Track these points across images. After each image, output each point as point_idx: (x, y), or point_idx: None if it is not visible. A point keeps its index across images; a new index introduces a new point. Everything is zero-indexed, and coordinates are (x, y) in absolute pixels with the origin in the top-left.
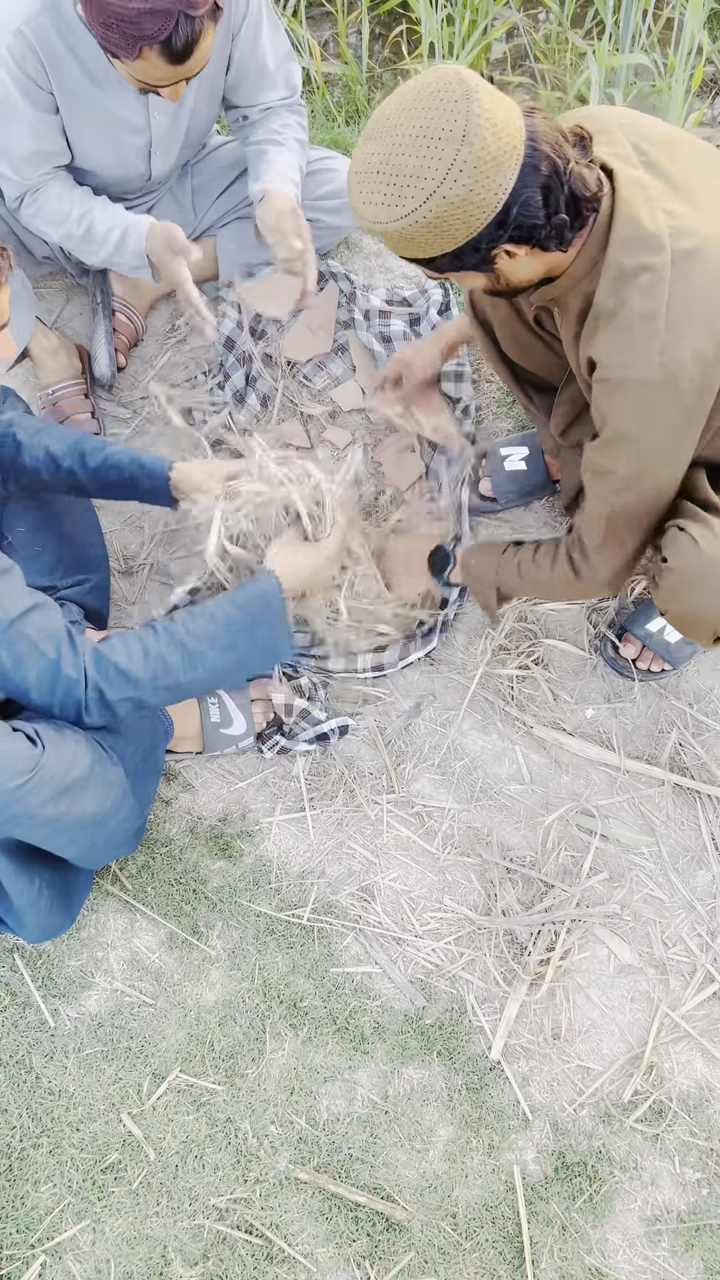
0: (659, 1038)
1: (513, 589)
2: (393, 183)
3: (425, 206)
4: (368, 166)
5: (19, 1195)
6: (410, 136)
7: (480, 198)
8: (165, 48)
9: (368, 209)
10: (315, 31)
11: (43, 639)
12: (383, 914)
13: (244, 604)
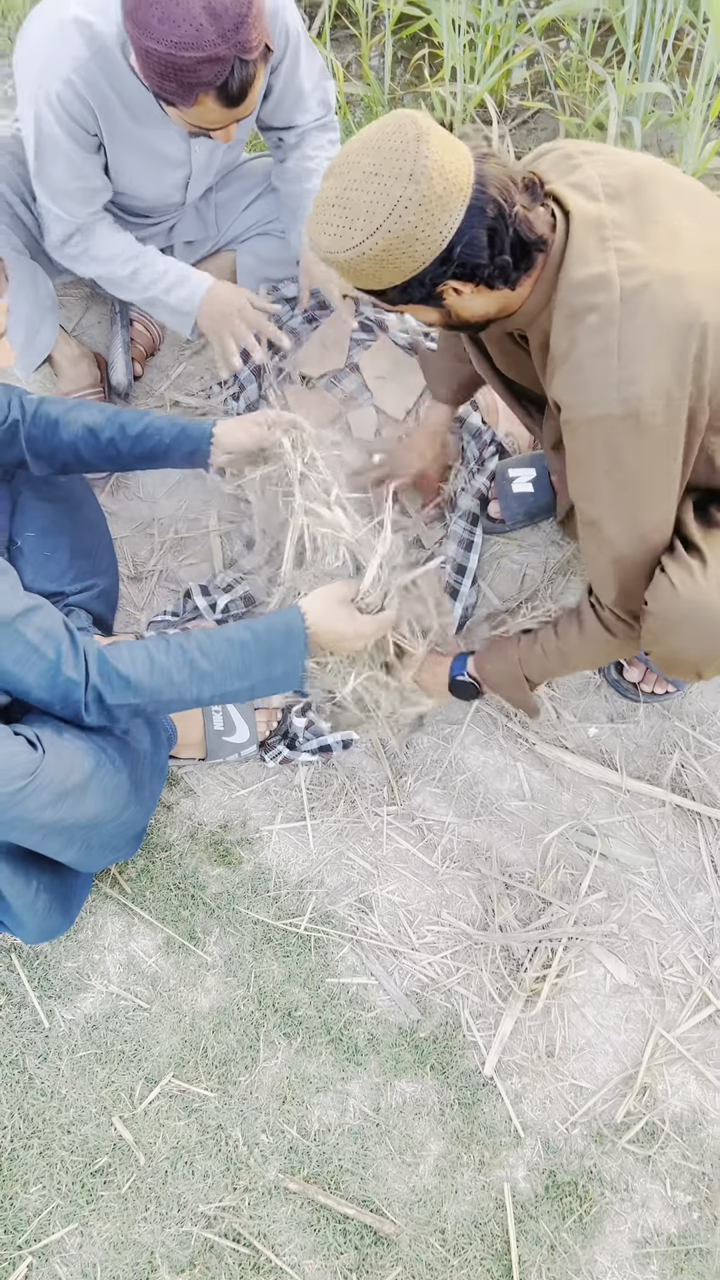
0: (653, 1059)
1: (543, 673)
2: (344, 216)
3: (371, 239)
4: (325, 200)
5: (8, 1196)
6: (364, 173)
7: (425, 235)
8: (221, 93)
9: (322, 239)
10: (339, 53)
11: (42, 640)
12: (380, 926)
13: (265, 635)
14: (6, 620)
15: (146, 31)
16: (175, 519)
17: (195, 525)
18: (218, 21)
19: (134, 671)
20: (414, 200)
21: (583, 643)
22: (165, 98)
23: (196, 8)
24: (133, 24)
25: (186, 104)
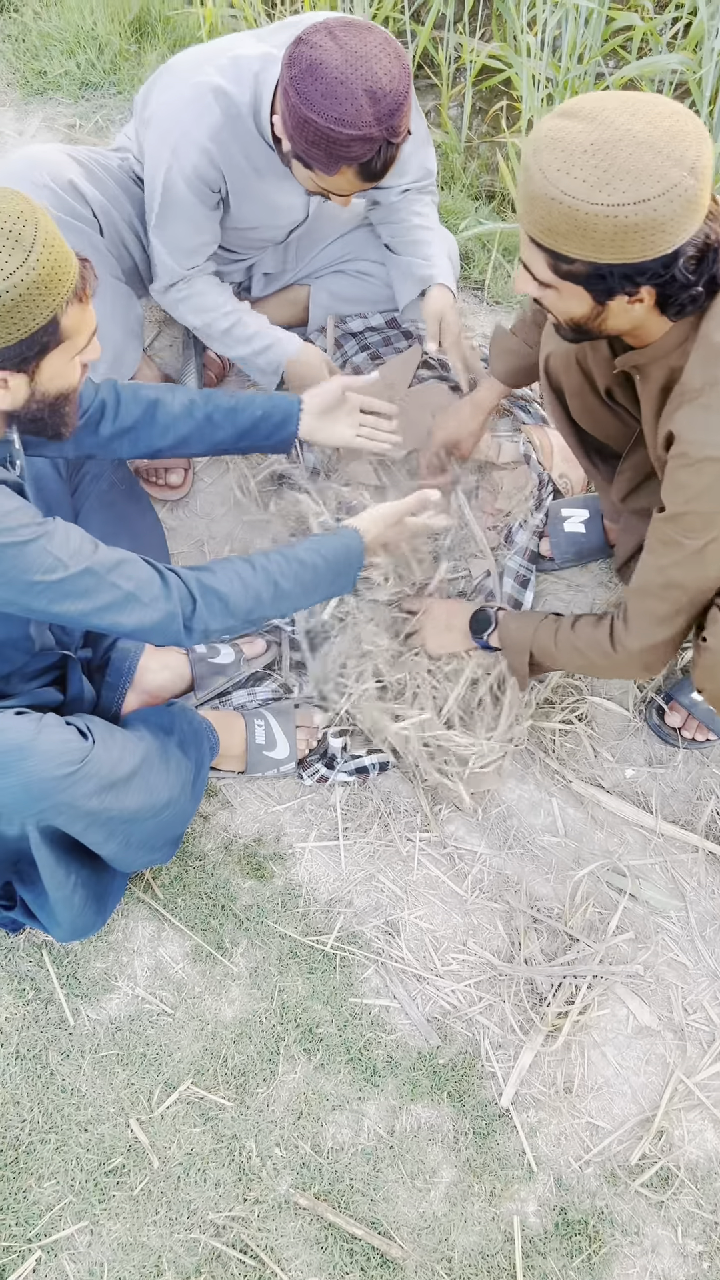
0: (671, 1103)
1: (546, 655)
2: (607, 169)
3: (633, 208)
4: (575, 142)
5: (22, 1189)
6: (635, 139)
7: (675, 228)
8: (364, 169)
9: (564, 180)
10: (419, 101)
11: (136, 586)
12: (406, 950)
13: (331, 558)
14: (100, 573)
15: (309, 103)
16: (230, 537)
17: (251, 546)
18: (377, 105)
19: (230, 592)
20: (687, 194)
21: (587, 644)
22: (307, 162)
23: (359, 89)
24: (295, 92)
25: (328, 172)
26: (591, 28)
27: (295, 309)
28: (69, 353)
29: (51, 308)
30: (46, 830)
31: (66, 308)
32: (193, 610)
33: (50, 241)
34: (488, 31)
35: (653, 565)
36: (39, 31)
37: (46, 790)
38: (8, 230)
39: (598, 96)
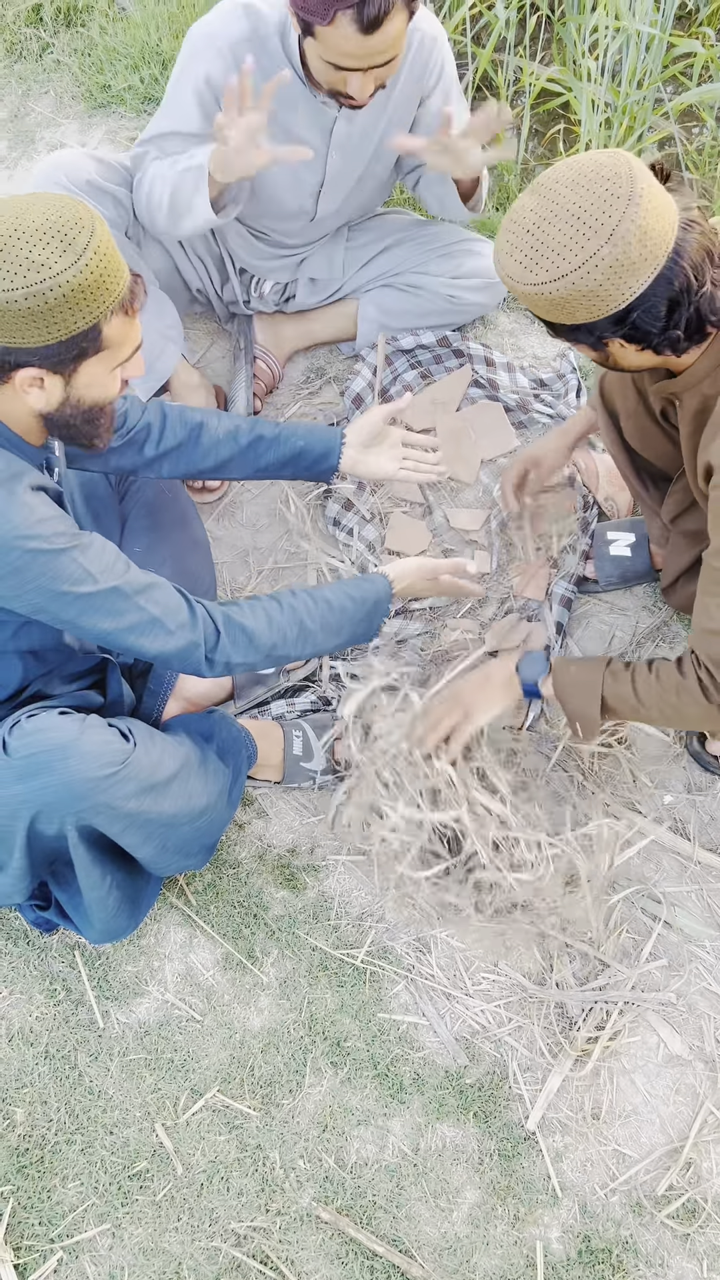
0: (701, 1134)
1: (621, 704)
2: (536, 248)
3: (555, 284)
4: (520, 222)
5: (47, 1188)
6: (566, 213)
7: (607, 294)
8: (358, 13)
9: (507, 262)
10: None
11: (163, 612)
12: (436, 967)
13: (360, 600)
14: (128, 593)
15: None
16: (274, 549)
17: (294, 557)
18: None
19: (255, 628)
20: (606, 261)
21: (676, 692)
22: (306, 18)
23: None
24: None
25: (324, 20)
26: (652, 54)
27: (346, 321)
28: (109, 363)
29: (95, 314)
30: (85, 830)
31: (111, 317)
32: (216, 642)
33: (102, 250)
34: (548, 55)
35: (713, 605)
36: (104, 46)
37: (88, 790)
38: (62, 234)
39: (556, 169)
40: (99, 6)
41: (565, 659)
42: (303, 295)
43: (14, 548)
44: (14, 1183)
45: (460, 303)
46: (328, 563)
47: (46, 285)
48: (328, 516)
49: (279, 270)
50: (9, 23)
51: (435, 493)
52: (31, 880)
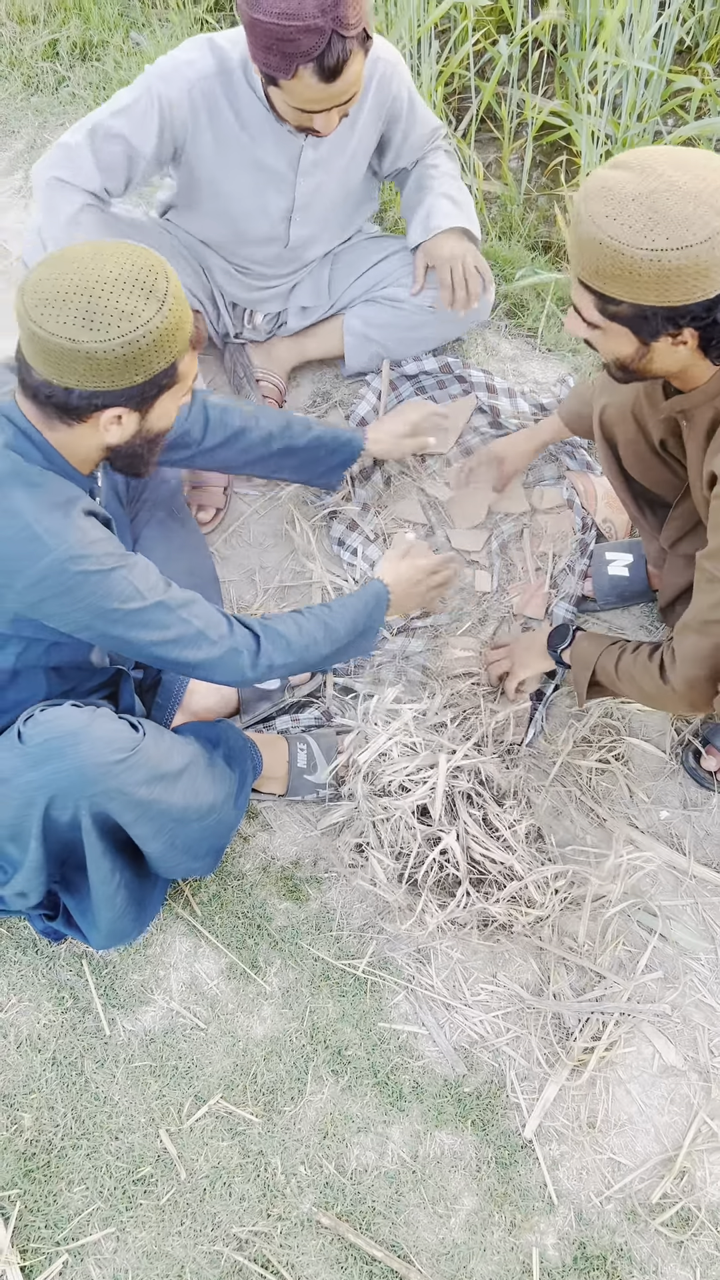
0: (695, 1144)
1: (606, 678)
2: (651, 215)
3: (677, 253)
4: (623, 191)
5: (52, 1192)
6: (679, 188)
7: (715, 275)
8: (318, 65)
9: (611, 225)
10: (481, 153)
11: (205, 624)
12: (436, 978)
13: (361, 607)
14: (173, 607)
15: (255, 5)
16: (280, 568)
17: (300, 576)
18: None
19: (288, 630)
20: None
21: (642, 673)
22: (269, 73)
23: None
24: (250, 15)
25: (286, 75)
26: (651, 89)
27: (337, 338)
28: (178, 395)
29: (175, 353)
30: (98, 818)
31: (184, 354)
32: (257, 647)
33: (177, 293)
34: (550, 89)
35: (698, 603)
36: (119, 80)
37: (99, 774)
38: (143, 282)
39: (649, 150)
40: (114, 42)
41: (586, 634)
42: (294, 321)
43: (67, 569)
44: (21, 1186)
45: (441, 314)
46: (332, 582)
47: (140, 333)
48: (332, 537)
49: (269, 301)
50: (26, 57)
51: (436, 513)
52: (47, 875)
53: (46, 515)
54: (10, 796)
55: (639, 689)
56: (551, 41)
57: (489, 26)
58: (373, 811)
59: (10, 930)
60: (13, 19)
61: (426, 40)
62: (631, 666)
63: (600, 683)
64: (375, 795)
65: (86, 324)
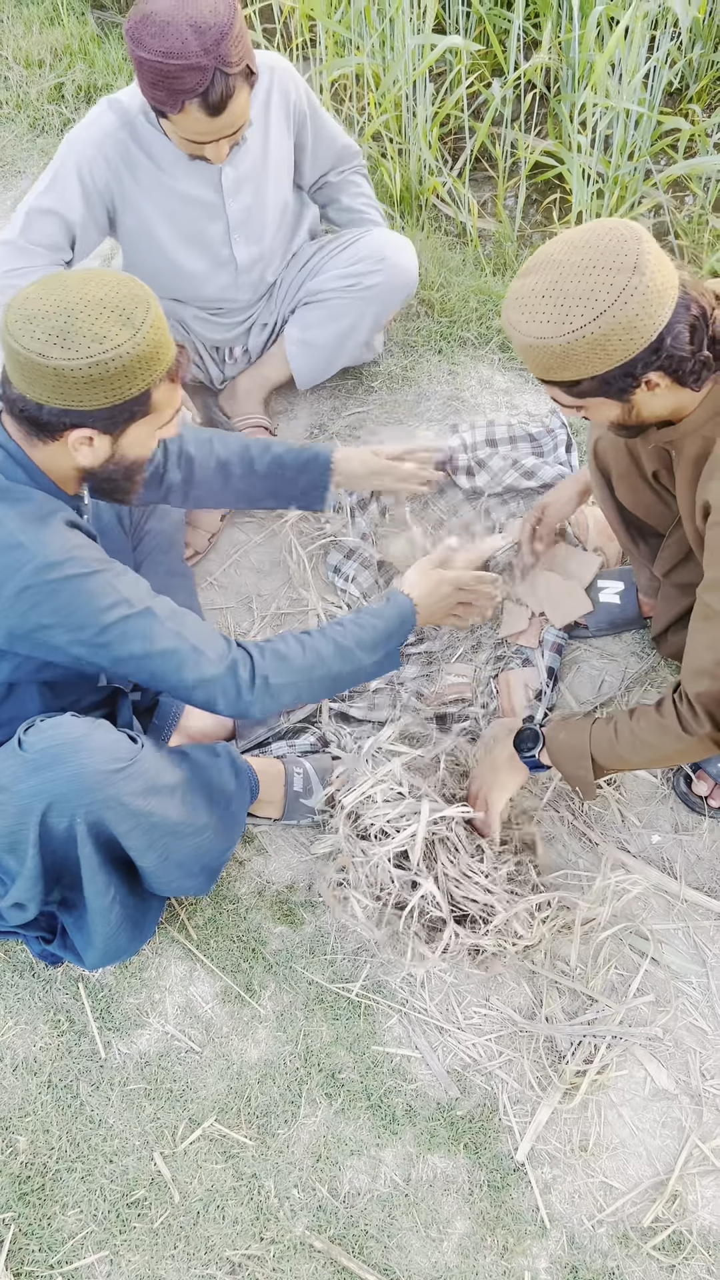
0: (686, 1168)
1: (609, 758)
2: (560, 304)
3: (595, 323)
4: (531, 293)
5: (47, 1215)
6: (578, 267)
7: (643, 323)
8: (203, 100)
9: (532, 327)
10: (476, 192)
11: (200, 641)
12: (429, 1001)
13: (383, 626)
14: (161, 617)
15: (140, 45)
16: (277, 595)
17: (296, 603)
18: (201, 36)
19: (288, 649)
20: (639, 289)
21: (656, 734)
22: (158, 107)
23: (183, 24)
24: (131, 41)
25: (174, 109)
26: (641, 130)
27: (279, 363)
28: (153, 425)
29: (148, 382)
30: (94, 827)
31: (160, 384)
32: (252, 665)
33: (157, 325)
34: (543, 129)
35: (702, 643)
36: None
37: (97, 783)
38: (123, 309)
39: (546, 248)
40: (117, 85)
41: (555, 725)
42: (254, 343)
43: (50, 575)
44: (16, 1209)
45: (361, 287)
46: (326, 609)
47: (109, 356)
48: (328, 564)
49: (238, 340)
50: (32, 100)
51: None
52: (44, 888)
53: (29, 526)
54: (8, 804)
55: (657, 753)
56: (544, 84)
57: (483, 69)
58: (353, 854)
59: (7, 953)
60: (19, 63)
61: (422, 83)
62: (639, 733)
63: (604, 765)
64: (357, 837)
65: (58, 341)
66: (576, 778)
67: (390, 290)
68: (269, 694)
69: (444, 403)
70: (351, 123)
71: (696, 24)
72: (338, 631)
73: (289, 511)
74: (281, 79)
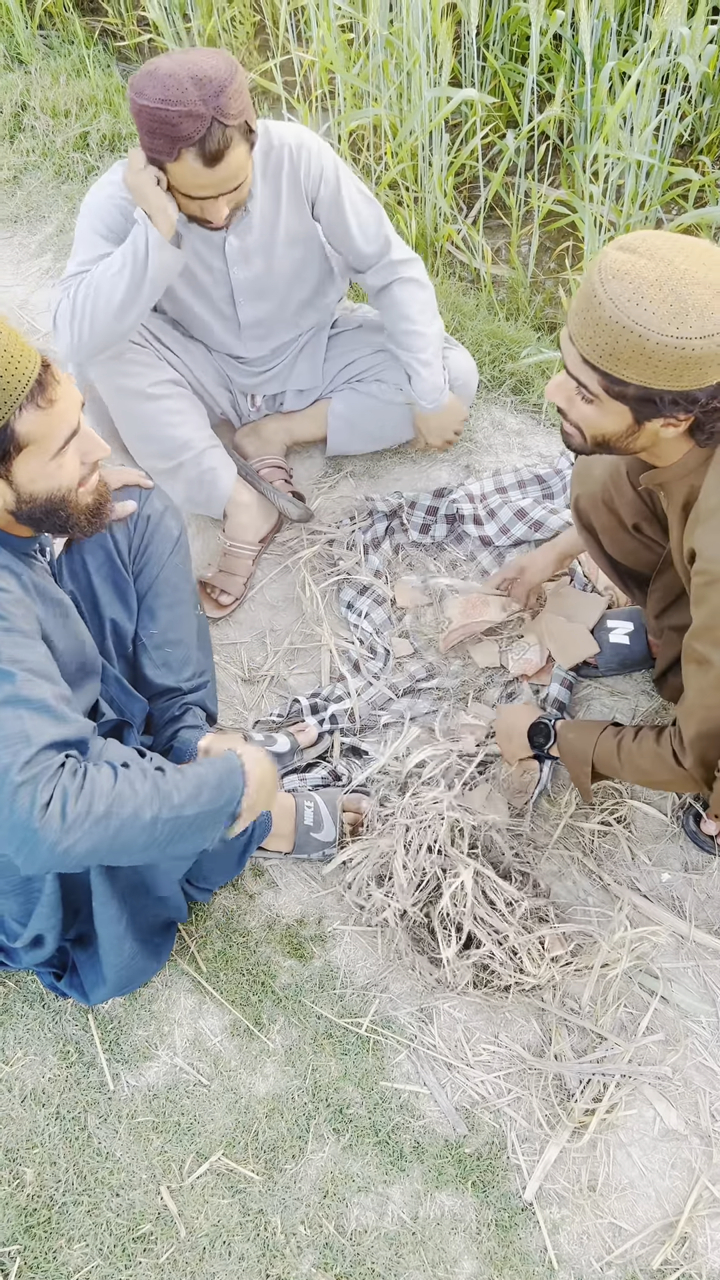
0: (696, 1209)
1: (609, 768)
2: (674, 303)
3: (701, 341)
4: (643, 277)
5: (52, 1249)
6: (697, 280)
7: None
8: (200, 148)
9: (634, 309)
10: (490, 239)
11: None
12: (438, 1037)
13: (209, 767)
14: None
15: (141, 94)
16: (290, 630)
17: (309, 639)
18: (201, 87)
19: (99, 778)
20: None
21: (651, 758)
22: (156, 157)
23: (184, 77)
24: (133, 92)
25: (170, 158)
26: (652, 180)
27: (320, 422)
28: (42, 457)
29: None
30: (105, 865)
31: (20, 414)
32: (52, 790)
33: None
34: (555, 179)
35: (693, 689)
36: None
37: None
38: None
39: (649, 236)
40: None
41: (567, 724)
42: (291, 402)
43: None
44: (21, 1242)
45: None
46: (338, 645)
47: None
48: (342, 600)
49: (266, 384)
50: (58, 148)
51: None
52: (62, 919)
53: None
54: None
55: (649, 778)
56: (557, 135)
57: (497, 121)
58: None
59: (18, 984)
60: (46, 112)
61: (438, 133)
62: (638, 755)
63: (602, 773)
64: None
65: None
66: (576, 779)
67: (447, 413)
68: (64, 820)
69: (457, 443)
70: (369, 171)
71: (706, 79)
72: (165, 772)
73: (303, 550)
74: (296, 155)
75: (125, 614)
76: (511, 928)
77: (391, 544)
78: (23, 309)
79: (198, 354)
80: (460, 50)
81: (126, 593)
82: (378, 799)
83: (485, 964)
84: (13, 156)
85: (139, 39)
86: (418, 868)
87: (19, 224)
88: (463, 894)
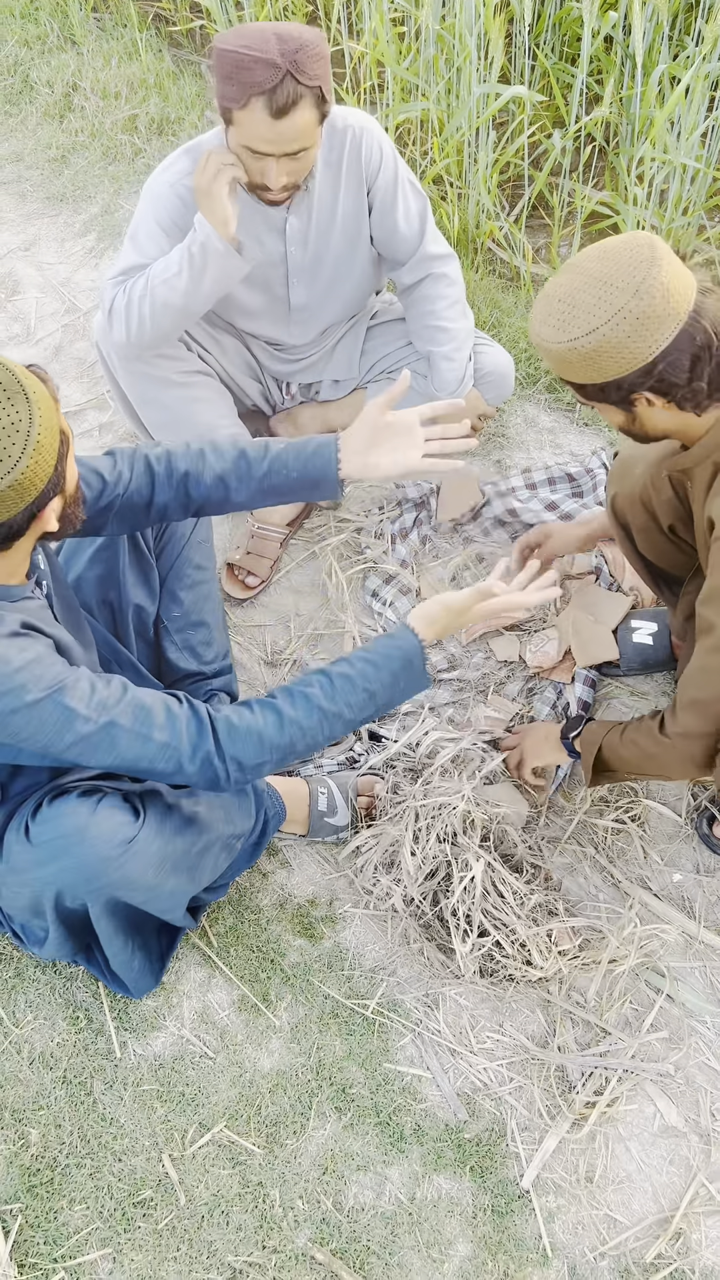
0: (691, 1206)
1: (611, 750)
2: (568, 311)
3: (586, 338)
4: (554, 293)
5: (54, 1209)
6: (594, 278)
7: (634, 346)
8: (269, 98)
9: (542, 328)
10: (531, 238)
11: (170, 734)
12: (443, 1023)
13: (383, 663)
14: (114, 702)
15: (224, 40)
16: (315, 616)
17: (333, 625)
18: (283, 42)
19: (265, 729)
20: (632, 313)
21: (646, 732)
22: (225, 104)
23: (269, 31)
24: (217, 44)
25: (238, 104)
26: (697, 185)
27: (356, 411)
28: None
29: (27, 502)
30: (108, 905)
31: (47, 505)
32: (222, 756)
33: (37, 449)
34: (600, 181)
35: (697, 650)
36: None
37: (101, 869)
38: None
39: (588, 249)
40: (189, 119)
41: (598, 721)
42: (326, 393)
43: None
44: (24, 1201)
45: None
46: (361, 632)
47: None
48: (367, 588)
49: (302, 373)
50: (107, 129)
51: (460, 584)
52: (74, 945)
53: None
54: (25, 885)
55: (638, 750)
56: (603, 137)
57: (544, 120)
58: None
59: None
60: (97, 94)
61: (485, 130)
62: (635, 732)
63: (607, 760)
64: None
65: None
66: (584, 764)
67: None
68: (244, 774)
69: (489, 439)
70: (414, 165)
71: None
72: (325, 692)
73: (330, 538)
74: (359, 138)
75: (147, 596)
76: (520, 920)
77: (419, 535)
78: (64, 286)
79: (227, 345)
80: (511, 48)
81: (149, 575)
82: (390, 785)
83: (492, 955)
84: (61, 136)
85: (190, 25)
86: (427, 856)
87: (65, 203)
88: (473, 886)
